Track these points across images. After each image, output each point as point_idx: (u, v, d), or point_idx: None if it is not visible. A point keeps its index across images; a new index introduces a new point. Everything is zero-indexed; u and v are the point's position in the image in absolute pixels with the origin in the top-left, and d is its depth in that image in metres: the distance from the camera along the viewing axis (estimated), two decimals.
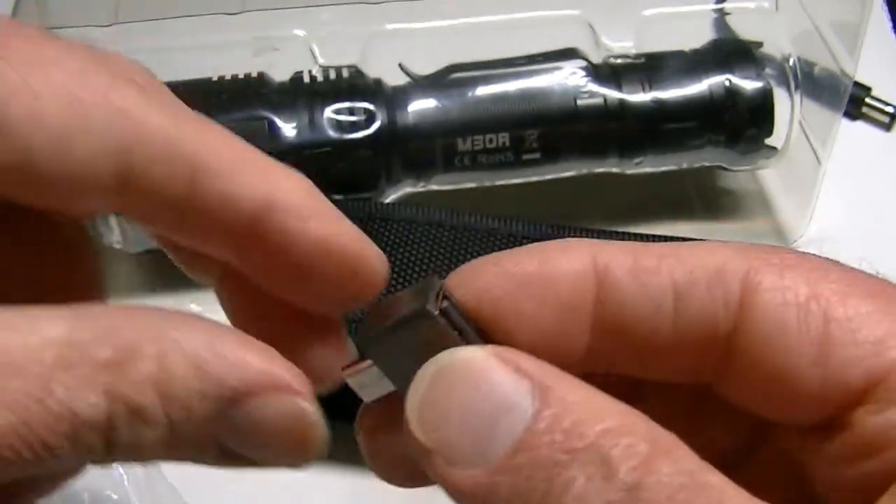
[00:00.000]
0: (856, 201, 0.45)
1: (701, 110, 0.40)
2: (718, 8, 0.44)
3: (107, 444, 0.17)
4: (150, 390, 0.17)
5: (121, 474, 0.33)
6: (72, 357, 0.16)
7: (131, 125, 0.18)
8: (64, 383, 0.16)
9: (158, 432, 0.17)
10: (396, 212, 0.36)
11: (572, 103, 0.40)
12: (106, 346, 0.17)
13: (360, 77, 0.40)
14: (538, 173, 0.41)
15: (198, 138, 0.18)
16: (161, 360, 0.17)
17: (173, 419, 0.17)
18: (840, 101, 0.39)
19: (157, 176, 0.18)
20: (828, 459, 0.17)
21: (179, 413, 0.17)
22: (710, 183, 0.45)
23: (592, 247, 0.18)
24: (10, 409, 0.16)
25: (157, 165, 0.18)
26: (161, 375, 0.17)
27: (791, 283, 0.18)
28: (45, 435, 0.16)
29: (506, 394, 0.17)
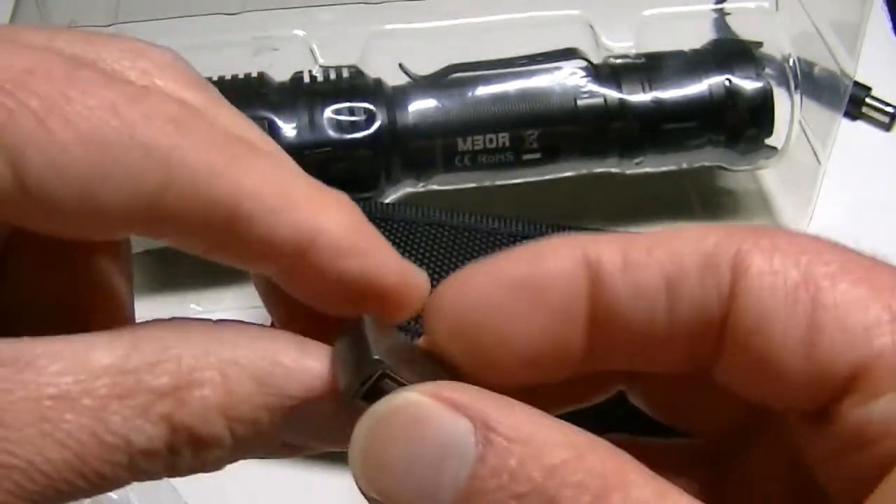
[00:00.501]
0: (856, 201, 0.45)
1: (701, 110, 0.40)
2: (718, 8, 0.44)
3: (169, 467, 0.17)
4: (215, 416, 0.17)
5: None
6: (127, 386, 0.16)
7: (158, 167, 0.17)
8: (120, 414, 0.16)
9: (224, 451, 0.17)
10: (396, 212, 0.36)
11: (572, 103, 0.40)
12: (162, 373, 0.16)
13: (360, 77, 0.40)
14: (538, 173, 0.41)
15: (237, 176, 0.17)
16: (223, 383, 0.17)
17: (240, 436, 0.17)
18: (840, 101, 0.39)
19: (190, 216, 0.17)
20: (822, 450, 0.17)
21: (246, 430, 0.17)
22: (710, 183, 0.45)
23: (582, 244, 0.18)
24: (64, 445, 0.16)
25: (192, 206, 0.17)
26: (225, 399, 0.17)
27: (780, 268, 0.17)
28: (100, 467, 0.16)
29: (447, 437, 0.16)
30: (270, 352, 0.17)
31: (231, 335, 0.17)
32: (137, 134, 0.16)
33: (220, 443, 0.17)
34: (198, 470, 0.17)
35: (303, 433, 0.18)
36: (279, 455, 0.19)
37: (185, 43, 0.39)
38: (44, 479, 0.15)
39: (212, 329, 0.17)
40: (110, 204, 0.16)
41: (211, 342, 0.17)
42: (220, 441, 0.17)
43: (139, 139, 0.16)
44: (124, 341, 0.17)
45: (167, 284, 0.41)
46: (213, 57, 0.39)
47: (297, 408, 0.18)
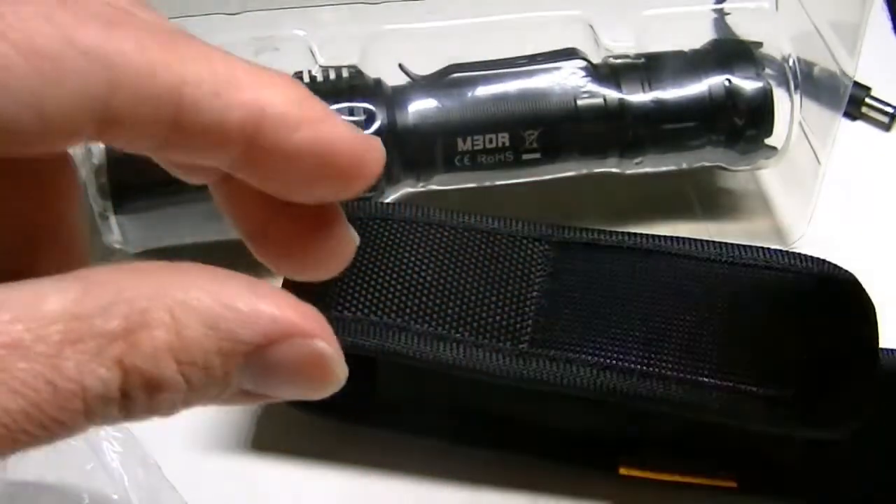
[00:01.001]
0: (856, 201, 0.45)
1: (701, 110, 0.40)
2: (718, 8, 0.44)
3: (124, 411, 0.17)
4: (166, 358, 0.17)
5: (121, 474, 0.33)
6: (80, 331, 0.16)
7: (102, 70, 0.17)
8: (73, 359, 0.16)
9: (177, 394, 0.17)
10: (396, 212, 0.36)
11: (572, 103, 0.40)
12: (114, 315, 0.16)
13: (360, 77, 0.40)
14: (538, 173, 0.41)
15: (177, 66, 0.18)
16: (174, 325, 0.17)
17: (192, 380, 0.17)
18: (840, 101, 0.39)
19: (138, 114, 0.17)
20: None
21: (198, 374, 0.17)
22: (710, 183, 0.45)
23: None
24: (19, 394, 0.16)
25: (136, 105, 0.17)
26: (176, 342, 0.17)
27: None
28: (57, 414, 0.16)
29: None
30: (224, 295, 0.17)
31: (185, 277, 0.17)
32: (76, 38, 0.16)
33: (173, 386, 0.17)
34: (153, 413, 0.17)
35: (258, 382, 0.18)
36: (237, 402, 0.19)
37: None
38: (2, 430, 0.15)
39: (165, 271, 0.17)
40: (60, 114, 0.16)
41: (163, 285, 0.17)
42: (173, 385, 0.17)
43: (78, 43, 0.16)
44: (75, 286, 0.16)
45: None
46: None
47: (252, 354, 0.18)
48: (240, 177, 0.19)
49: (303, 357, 0.18)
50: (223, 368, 0.17)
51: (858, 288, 0.33)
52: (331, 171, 0.19)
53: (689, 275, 0.34)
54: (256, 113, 0.18)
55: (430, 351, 0.33)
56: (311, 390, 0.19)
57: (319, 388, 0.19)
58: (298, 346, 0.18)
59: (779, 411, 0.31)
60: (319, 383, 0.19)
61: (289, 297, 0.18)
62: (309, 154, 0.19)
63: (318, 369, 0.19)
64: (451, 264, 0.35)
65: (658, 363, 0.32)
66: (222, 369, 0.17)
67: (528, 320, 0.33)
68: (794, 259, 0.34)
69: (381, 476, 0.36)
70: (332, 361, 0.19)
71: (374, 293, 0.34)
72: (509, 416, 0.35)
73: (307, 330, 0.18)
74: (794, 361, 0.32)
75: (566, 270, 0.35)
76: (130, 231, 0.38)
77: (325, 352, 0.18)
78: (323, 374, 0.19)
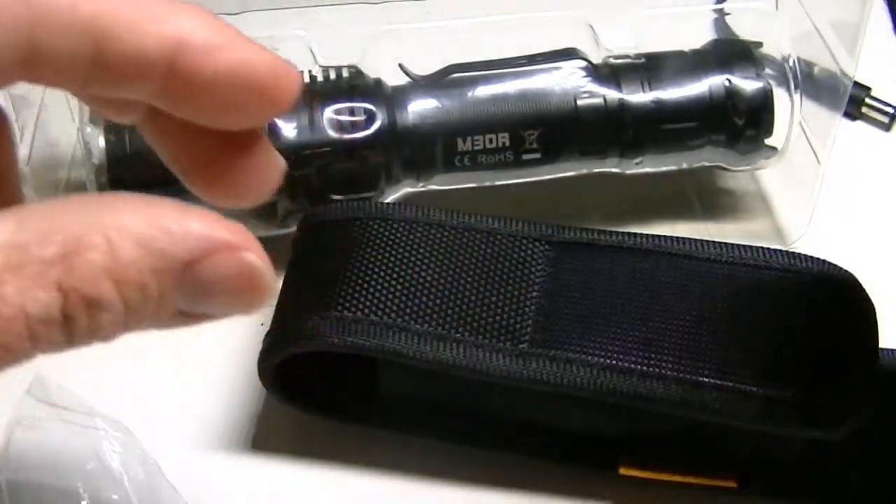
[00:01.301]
0: (856, 201, 0.45)
1: (701, 110, 0.40)
2: (718, 8, 0.44)
3: (67, 334, 0.18)
4: (102, 279, 0.18)
5: (121, 474, 0.33)
6: (18, 259, 0.17)
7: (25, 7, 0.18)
8: (14, 285, 0.17)
9: (115, 315, 0.18)
10: (396, 212, 0.36)
11: (572, 103, 0.40)
12: (51, 242, 0.17)
13: (360, 77, 0.40)
14: (538, 173, 0.41)
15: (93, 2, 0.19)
16: (109, 248, 0.18)
17: (129, 299, 0.18)
18: (840, 101, 0.39)
19: (61, 49, 0.18)
20: None
21: (135, 294, 0.18)
22: (710, 183, 0.45)
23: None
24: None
25: (59, 39, 0.18)
26: (111, 263, 0.18)
27: None
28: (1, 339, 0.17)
29: None
30: (154, 218, 0.19)
31: (116, 204, 0.18)
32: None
33: (111, 306, 0.18)
34: (96, 336, 0.18)
35: (195, 300, 0.19)
36: (175, 324, 0.20)
37: None
38: None
39: (97, 201, 0.18)
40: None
41: (96, 212, 0.18)
42: (111, 304, 0.18)
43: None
44: (11, 219, 0.17)
45: None
46: None
47: (184, 270, 0.19)
48: (163, 107, 0.20)
49: (233, 269, 0.19)
50: (158, 287, 0.18)
51: (858, 288, 0.33)
52: (249, 93, 0.20)
53: (689, 275, 0.34)
54: (174, 41, 0.19)
55: (430, 351, 0.33)
56: (243, 304, 0.20)
57: (251, 301, 0.20)
58: (228, 259, 0.19)
59: (779, 411, 0.31)
60: (251, 295, 0.20)
61: (217, 217, 0.19)
62: (226, 78, 0.20)
63: (248, 280, 0.20)
64: (451, 264, 0.35)
65: (658, 363, 0.32)
66: (157, 288, 0.18)
67: (528, 320, 0.33)
68: (794, 259, 0.34)
69: (381, 476, 0.36)
70: (261, 272, 0.20)
71: (374, 293, 0.34)
72: (509, 416, 0.35)
73: (235, 244, 0.19)
74: (794, 361, 0.32)
75: (566, 270, 0.35)
76: None
77: (253, 263, 0.20)
78: (253, 286, 0.20)
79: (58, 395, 0.34)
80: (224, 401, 0.37)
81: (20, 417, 0.33)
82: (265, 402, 0.37)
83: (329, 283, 0.34)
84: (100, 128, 0.37)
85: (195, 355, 0.39)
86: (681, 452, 0.35)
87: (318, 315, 0.33)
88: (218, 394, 0.38)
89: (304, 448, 0.36)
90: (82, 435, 0.33)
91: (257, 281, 0.20)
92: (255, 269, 0.20)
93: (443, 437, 0.36)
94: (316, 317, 0.33)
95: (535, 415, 0.35)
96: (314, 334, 0.33)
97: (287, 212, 0.39)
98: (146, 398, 0.38)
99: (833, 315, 0.33)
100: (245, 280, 0.20)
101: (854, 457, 0.34)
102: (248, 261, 0.19)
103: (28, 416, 0.33)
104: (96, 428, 0.33)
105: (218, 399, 0.38)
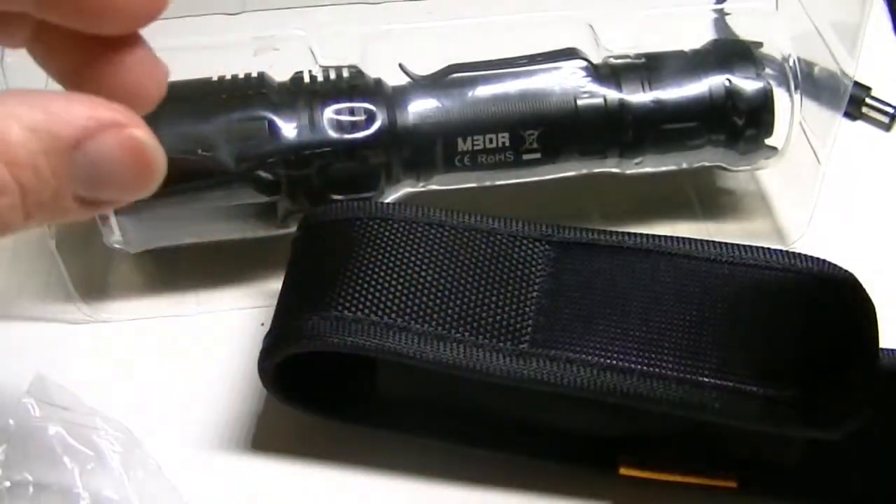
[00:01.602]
0: (856, 201, 0.45)
1: (701, 110, 0.40)
2: (718, 8, 0.44)
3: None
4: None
5: (121, 474, 0.33)
6: None
7: None
8: None
9: (13, 198, 0.19)
10: (396, 212, 0.36)
11: (572, 103, 0.40)
12: None
13: (360, 77, 0.40)
14: (538, 173, 0.41)
15: None
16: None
17: (24, 182, 0.19)
18: (840, 101, 0.39)
19: None
20: None
21: (27, 175, 0.19)
22: (710, 183, 0.45)
23: None
24: None
25: None
26: (2, 147, 0.19)
27: None
28: None
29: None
30: (40, 103, 0.20)
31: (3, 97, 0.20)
32: None
33: (7, 188, 0.19)
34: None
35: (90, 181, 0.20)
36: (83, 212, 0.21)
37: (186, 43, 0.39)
38: None
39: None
40: None
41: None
42: (6, 187, 0.19)
43: None
44: None
45: (167, 284, 0.41)
46: (213, 57, 0.39)
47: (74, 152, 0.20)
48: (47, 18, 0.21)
49: (121, 145, 0.20)
50: (50, 168, 0.20)
51: (858, 288, 0.33)
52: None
53: (689, 275, 0.34)
54: None
55: (430, 351, 0.33)
56: (137, 182, 0.21)
57: (144, 178, 0.21)
58: (115, 135, 0.20)
59: (779, 411, 0.32)
60: (142, 171, 0.21)
61: (103, 101, 0.20)
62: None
63: (138, 155, 0.21)
64: (451, 264, 0.35)
65: (658, 363, 0.32)
66: (49, 169, 0.20)
67: (528, 320, 0.33)
68: (794, 259, 0.34)
69: (381, 476, 0.36)
70: (149, 146, 0.21)
71: (374, 293, 0.34)
72: (509, 416, 0.35)
73: (121, 121, 0.20)
74: (795, 361, 0.32)
75: (566, 270, 0.35)
76: (130, 231, 0.38)
77: (141, 137, 0.21)
78: (143, 160, 0.21)
79: (58, 395, 0.34)
80: (224, 401, 0.38)
81: (20, 417, 0.33)
82: (265, 402, 0.37)
83: (329, 283, 0.34)
84: None
85: (195, 355, 0.39)
86: (681, 452, 0.35)
87: (318, 315, 0.33)
88: (218, 394, 0.38)
89: (304, 448, 0.36)
90: (82, 435, 0.33)
91: (147, 155, 0.21)
92: (142, 142, 0.21)
93: (443, 437, 0.36)
94: (316, 317, 0.33)
95: (535, 415, 0.35)
96: (314, 334, 0.33)
97: (287, 212, 0.39)
98: (146, 398, 0.38)
99: (833, 315, 0.33)
100: (134, 155, 0.21)
101: (854, 457, 0.34)
102: (135, 136, 0.21)
103: (28, 416, 0.33)
104: (96, 428, 0.33)
105: (218, 399, 0.38)
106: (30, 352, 0.39)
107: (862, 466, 0.35)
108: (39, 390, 0.34)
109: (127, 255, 0.41)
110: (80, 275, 0.40)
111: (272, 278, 0.40)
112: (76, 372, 0.38)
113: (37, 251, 0.42)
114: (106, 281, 0.41)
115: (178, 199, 0.37)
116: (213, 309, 0.40)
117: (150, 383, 0.38)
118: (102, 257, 0.41)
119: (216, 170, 0.37)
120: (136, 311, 0.40)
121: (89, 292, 0.40)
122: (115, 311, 0.40)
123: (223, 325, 0.40)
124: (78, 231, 0.40)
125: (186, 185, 0.37)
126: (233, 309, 0.40)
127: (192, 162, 0.37)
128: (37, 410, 0.33)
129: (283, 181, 0.38)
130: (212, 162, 0.37)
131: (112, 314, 0.40)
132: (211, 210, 0.38)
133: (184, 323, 0.40)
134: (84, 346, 0.39)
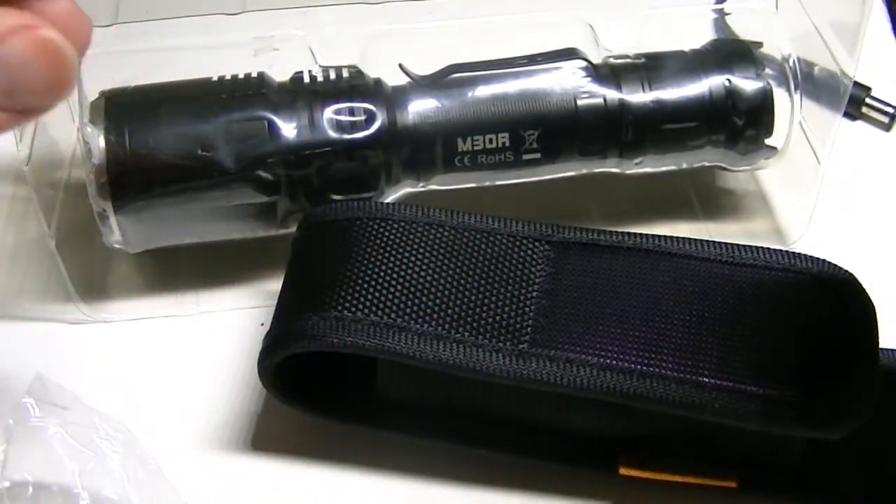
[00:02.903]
0: (856, 201, 0.45)
1: (701, 110, 0.40)
2: (718, 8, 0.44)
3: None
4: None
5: (121, 474, 0.33)
6: None
7: None
8: None
9: None
10: (396, 212, 0.36)
11: (572, 103, 0.40)
12: None
13: (360, 77, 0.40)
14: (538, 173, 0.41)
15: None
16: None
17: None
18: (840, 101, 0.39)
19: None
20: None
21: None
22: (710, 183, 0.45)
23: None
24: None
25: None
26: None
27: None
28: None
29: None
30: None
31: None
32: None
33: None
34: None
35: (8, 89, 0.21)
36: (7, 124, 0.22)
37: (185, 43, 0.39)
38: None
39: None
40: None
41: None
42: None
43: None
44: None
45: (167, 284, 0.41)
46: (213, 57, 0.39)
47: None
48: None
49: (32, 45, 0.21)
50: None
51: (858, 288, 0.33)
52: None
53: (689, 275, 0.34)
54: None
55: (430, 351, 0.33)
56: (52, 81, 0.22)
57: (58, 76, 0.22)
58: (25, 36, 0.21)
59: (779, 411, 0.32)
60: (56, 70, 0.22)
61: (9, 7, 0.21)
62: None
63: (49, 54, 0.21)
64: (451, 264, 0.35)
65: (658, 363, 0.32)
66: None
67: (528, 320, 0.33)
68: (794, 259, 0.34)
69: (381, 476, 0.36)
70: (60, 45, 0.22)
71: (374, 293, 0.34)
72: (509, 416, 0.35)
73: (29, 24, 0.21)
74: (795, 361, 0.32)
75: (566, 270, 0.35)
76: (130, 231, 0.38)
77: (51, 36, 0.21)
78: (56, 58, 0.21)
79: (58, 395, 0.34)
80: (224, 401, 0.38)
81: (20, 417, 0.33)
82: (265, 402, 0.37)
83: (329, 283, 0.34)
84: (100, 128, 0.37)
85: (195, 355, 0.39)
86: (681, 452, 0.35)
87: (318, 315, 0.33)
88: (218, 394, 0.38)
89: (304, 448, 0.36)
90: (82, 435, 0.33)
91: (59, 52, 0.21)
92: (53, 41, 0.21)
93: (442, 438, 0.36)
94: (316, 317, 0.33)
95: (535, 415, 0.35)
96: (314, 334, 0.33)
97: (287, 212, 0.39)
98: (146, 398, 0.38)
99: (833, 315, 0.33)
100: (47, 54, 0.21)
101: (854, 457, 0.34)
102: (45, 35, 0.21)
103: (28, 416, 0.33)
104: (96, 428, 0.33)
105: (218, 399, 0.38)
106: (30, 352, 0.39)
107: (862, 466, 0.35)
108: (39, 390, 0.34)
109: (127, 255, 0.41)
110: (80, 275, 0.40)
111: (272, 278, 0.40)
112: (76, 372, 0.38)
113: (37, 251, 0.42)
114: (106, 281, 0.41)
115: (178, 199, 0.37)
116: (213, 309, 0.40)
117: (149, 383, 0.38)
118: (102, 257, 0.41)
119: (216, 170, 0.37)
120: (135, 312, 0.40)
121: (89, 292, 0.40)
122: (114, 311, 0.40)
123: (223, 325, 0.40)
124: (78, 231, 0.40)
125: (186, 185, 0.37)
126: (233, 309, 0.40)
127: (192, 162, 0.37)
128: (37, 410, 0.33)
129: (283, 181, 0.38)
130: (211, 162, 0.37)
131: (112, 314, 0.40)
132: (211, 210, 0.38)
133: (184, 323, 0.40)
134: (84, 345, 0.39)
